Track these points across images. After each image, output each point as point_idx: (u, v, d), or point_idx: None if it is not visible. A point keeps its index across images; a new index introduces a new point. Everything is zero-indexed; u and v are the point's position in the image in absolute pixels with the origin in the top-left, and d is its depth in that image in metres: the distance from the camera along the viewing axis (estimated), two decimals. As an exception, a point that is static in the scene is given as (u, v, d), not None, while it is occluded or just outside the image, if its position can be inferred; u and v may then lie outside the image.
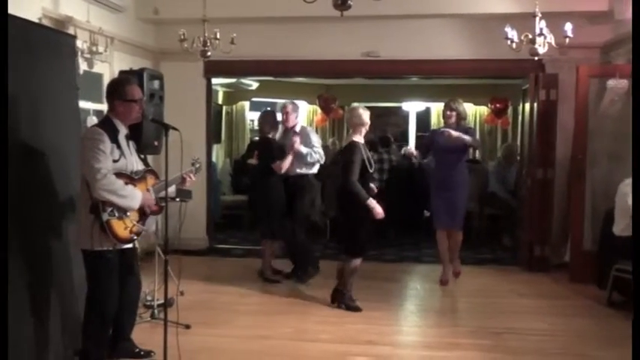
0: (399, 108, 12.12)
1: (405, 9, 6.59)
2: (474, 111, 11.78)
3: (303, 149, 6.15)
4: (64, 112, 4.23)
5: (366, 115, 5.34)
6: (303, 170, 6.24)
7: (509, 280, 6.56)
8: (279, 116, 6.47)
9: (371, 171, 5.30)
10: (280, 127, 6.53)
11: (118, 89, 3.75)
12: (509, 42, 5.22)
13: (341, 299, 5.41)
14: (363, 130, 5.36)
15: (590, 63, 6.66)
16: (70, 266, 3.95)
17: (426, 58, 7.13)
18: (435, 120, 11.87)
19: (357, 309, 5.34)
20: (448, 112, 6.17)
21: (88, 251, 3.59)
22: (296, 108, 6.39)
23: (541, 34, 5.00)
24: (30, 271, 3.57)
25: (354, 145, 5.27)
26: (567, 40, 4.91)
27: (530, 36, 5.12)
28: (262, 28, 7.20)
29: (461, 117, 6.19)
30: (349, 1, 4.11)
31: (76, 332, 3.82)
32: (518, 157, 8.32)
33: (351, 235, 5.30)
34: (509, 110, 11.09)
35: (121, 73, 5.09)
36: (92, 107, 5.88)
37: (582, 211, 6.36)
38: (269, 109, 7.62)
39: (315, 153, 6.23)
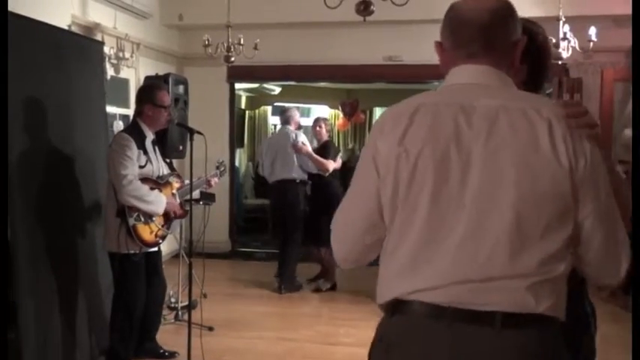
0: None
1: (427, 14, 6.55)
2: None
3: None
4: (92, 117, 4.31)
5: None
6: None
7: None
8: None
9: None
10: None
11: (149, 94, 3.83)
12: (532, 46, 5.21)
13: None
14: None
15: (616, 67, 6.59)
16: (97, 268, 4.03)
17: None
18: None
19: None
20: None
21: (114, 254, 3.67)
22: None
23: (565, 38, 4.98)
24: (58, 272, 3.65)
25: None
26: (591, 44, 4.88)
27: (554, 40, 5.11)
28: (285, 33, 7.26)
29: None
30: (372, 7, 4.13)
31: (103, 332, 3.89)
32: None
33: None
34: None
35: (147, 78, 5.17)
36: (118, 112, 5.98)
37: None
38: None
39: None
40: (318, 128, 6.31)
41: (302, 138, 6.09)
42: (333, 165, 6.04)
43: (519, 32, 1.44)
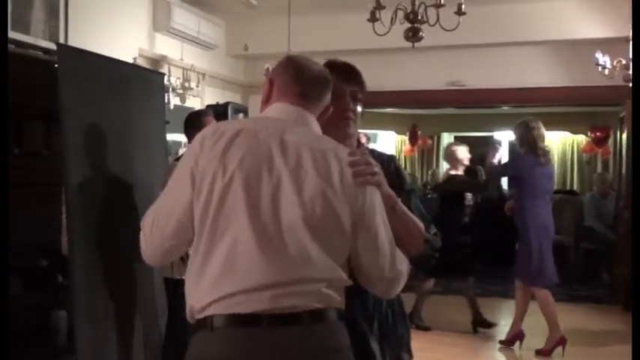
0: (491, 137, 11.81)
1: (489, 37, 6.47)
2: (571, 140, 11.27)
3: None
4: (152, 148, 4.43)
5: (459, 152, 5.54)
6: None
7: (607, 319, 6.16)
8: None
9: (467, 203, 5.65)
10: None
11: (194, 120, 3.89)
12: (600, 68, 5.01)
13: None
14: (458, 165, 5.61)
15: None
16: (153, 293, 4.11)
17: (513, 87, 6.95)
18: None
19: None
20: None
21: (169, 279, 3.73)
22: None
23: (634, 59, 4.75)
24: (115, 298, 3.74)
25: (449, 177, 5.75)
26: (664, 64, 4.63)
27: (624, 61, 4.88)
28: (346, 60, 7.27)
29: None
30: (421, 33, 4.08)
31: (157, 357, 3.95)
32: (616, 188, 7.84)
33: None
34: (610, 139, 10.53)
35: (208, 107, 5.31)
36: (184, 140, 6.15)
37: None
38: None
39: None
40: None
41: None
42: None
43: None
